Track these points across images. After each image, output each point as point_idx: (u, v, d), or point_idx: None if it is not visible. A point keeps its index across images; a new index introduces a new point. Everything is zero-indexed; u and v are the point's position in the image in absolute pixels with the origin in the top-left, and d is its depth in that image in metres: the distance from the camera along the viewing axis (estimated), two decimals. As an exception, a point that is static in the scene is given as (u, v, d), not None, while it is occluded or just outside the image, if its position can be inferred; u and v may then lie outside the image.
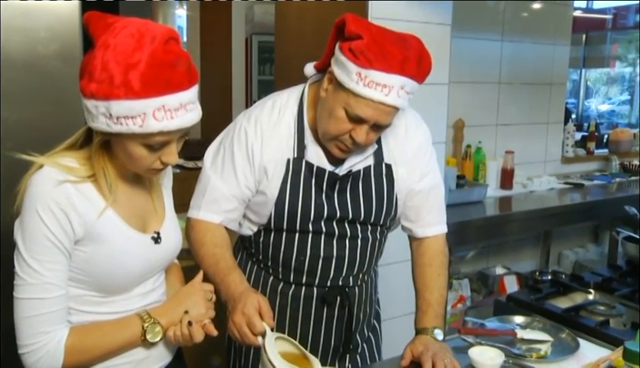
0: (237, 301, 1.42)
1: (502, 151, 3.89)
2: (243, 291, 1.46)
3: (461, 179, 3.52)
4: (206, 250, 1.59)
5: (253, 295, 1.43)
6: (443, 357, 1.54)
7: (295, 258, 1.64)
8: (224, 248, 1.60)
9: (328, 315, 1.69)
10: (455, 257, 3.73)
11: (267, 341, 1.36)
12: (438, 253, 1.75)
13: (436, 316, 1.66)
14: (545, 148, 4.28)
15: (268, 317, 1.40)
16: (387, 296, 2.15)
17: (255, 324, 1.38)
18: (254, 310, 1.39)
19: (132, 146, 1.20)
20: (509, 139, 4.00)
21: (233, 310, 1.42)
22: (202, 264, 1.58)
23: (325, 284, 1.66)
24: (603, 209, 3.80)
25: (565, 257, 4.42)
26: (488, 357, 1.61)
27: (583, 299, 2.08)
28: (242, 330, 1.39)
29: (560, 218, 3.66)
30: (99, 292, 1.26)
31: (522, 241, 4.22)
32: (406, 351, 1.61)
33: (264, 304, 1.41)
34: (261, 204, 1.62)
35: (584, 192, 3.97)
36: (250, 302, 1.40)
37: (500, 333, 1.76)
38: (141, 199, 1.35)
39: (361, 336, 1.79)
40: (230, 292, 1.48)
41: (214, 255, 1.57)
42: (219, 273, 1.53)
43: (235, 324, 1.40)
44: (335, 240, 1.63)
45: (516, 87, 3.99)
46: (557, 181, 4.07)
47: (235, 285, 1.49)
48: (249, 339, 1.39)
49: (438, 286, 1.70)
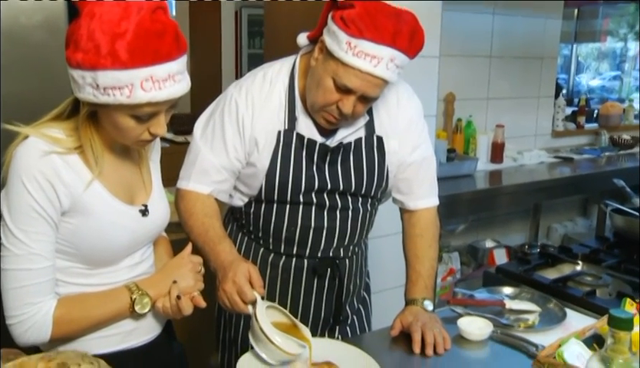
0: (227, 270, 1.43)
1: (492, 125, 3.89)
2: (233, 260, 1.46)
3: (451, 152, 3.52)
4: (196, 219, 1.58)
5: (243, 264, 1.44)
6: (432, 327, 1.56)
7: (285, 229, 1.64)
8: (214, 218, 1.59)
9: (318, 286, 1.70)
10: (445, 230, 3.75)
11: (258, 309, 1.37)
12: (430, 224, 1.75)
13: (426, 287, 1.67)
14: (536, 122, 4.29)
15: (258, 285, 1.40)
16: (378, 269, 2.16)
17: (245, 293, 1.38)
18: (244, 278, 1.40)
19: (119, 117, 1.18)
20: (499, 112, 4.00)
21: (224, 279, 1.42)
22: (191, 234, 1.58)
23: (316, 255, 1.67)
24: (592, 183, 3.83)
25: (554, 231, 4.46)
26: (476, 327, 1.63)
27: (571, 270, 2.10)
28: (233, 299, 1.39)
29: (550, 192, 3.68)
30: (86, 264, 1.26)
31: (512, 215, 4.25)
32: (395, 322, 1.62)
33: (254, 273, 1.41)
34: (251, 176, 1.61)
35: (573, 166, 3.99)
36: (241, 271, 1.41)
37: (489, 304, 1.78)
38: (129, 172, 1.34)
39: (351, 307, 1.80)
40: (220, 261, 1.48)
41: (203, 224, 1.57)
42: (209, 242, 1.53)
43: (225, 293, 1.40)
44: (326, 211, 1.63)
45: (507, 60, 3.98)
46: (547, 155, 4.09)
47: (225, 254, 1.49)
48: (239, 307, 1.39)
49: (429, 257, 1.71)
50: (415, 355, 1.52)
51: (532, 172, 3.77)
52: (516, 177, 3.66)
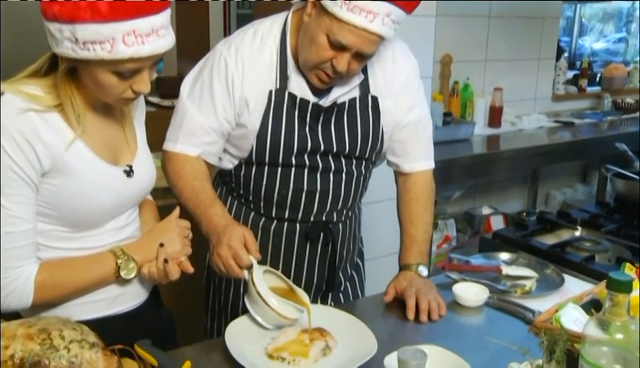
0: (221, 234, 1.42)
1: (490, 88, 3.87)
2: (227, 224, 1.45)
3: (448, 116, 3.51)
4: (185, 182, 1.57)
5: (238, 227, 1.43)
6: (427, 293, 1.57)
7: (277, 192, 1.64)
8: (204, 181, 1.58)
9: (311, 252, 1.71)
10: (441, 197, 3.76)
11: (255, 274, 1.37)
12: (425, 188, 1.75)
13: (420, 252, 1.68)
14: (536, 85, 4.27)
15: (254, 249, 1.40)
16: (371, 235, 2.17)
17: (241, 257, 1.38)
18: (240, 242, 1.39)
19: (101, 74, 1.16)
20: (498, 75, 3.97)
21: (218, 244, 1.42)
22: (180, 198, 1.57)
23: (308, 220, 1.67)
24: (593, 148, 3.83)
25: (553, 198, 4.48)
26: (472, 293, 1.64)
27: (569, 235, 2.12)
28: (228, 264, 1.39)
29: (549, 157, 3.69)
30: (69, 227, 1.25)
31: (510, 181, 4.26)
32: (389, 287, 1.63)
33: (249, 237, 1.41)
34: (242, 137, 1.60)
35: (574, 131, 3.99)
36: (235, 235, 1.40)
37: (485, 270, 1.79)
38: (112, 131, 1.32)
39: (344, 274, 1.81)
40: (213, 225, 1.47)
41: (193, 187, 1.56)
42: (200, 205, 1.53)
43: (220, 258, 1.40)
44: (319, 174, 1.63)
45: (507, 21, 3.93)
46: (547, 119, 4.08)
47: (217, 217, 1.49)
48: (235, 272, 1.39)
49: (424, 222, 1.72)
50: (409, 321, 1.53)
51: (531, 137, 3.76)
52: (515, 142, 3.66)
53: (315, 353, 1.33)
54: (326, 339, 1.37)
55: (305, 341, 1.35)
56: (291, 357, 1.31)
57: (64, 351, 1.01)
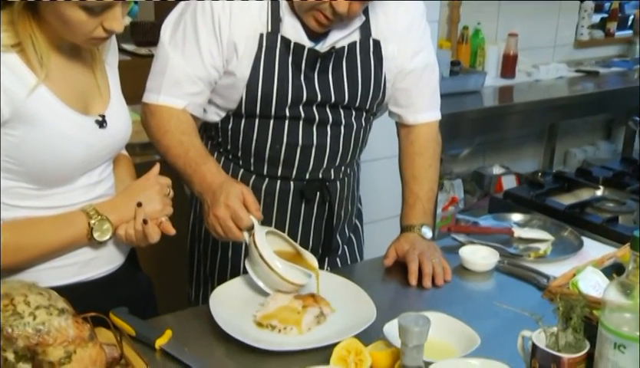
0: (217, 193, 1.41)
1: (504, 34, 3.82)
2: (223, 181, 1.44)
3: (456, 65, 3.48)
4: (172, 138, 1.55)
5: (236, 185, 1.42)
6: (431, 257, 1.57)
7: (269, 147, 1.62)
8: (192, 135, 1.57)
9: (306, 212, 1.70)
10: (447, 155, 3.76)
11: (257, 235, 1.36)
12: (430, 141, 1.75)
13: (424, 212, 1.68)
14: (556, 30, 4.20)
15: (254, 208, 1.39)
16: (370, 197, 2.17)
17: (241, 217, 1.37)
18: (238, 201, 1.38)
19: (66, 9, 1.13)
20: (512, 19, 3.91)
21: (214, 204, 1.40)
22: (167, 155, 1.56)
23: (303, 177, 1.66)
24: (620, 100, 3.79)
25: (573, 156, 4.45)
26: (480, 257, 1.65)
27: (590, 195, 2.12)
28: (227, 225, 1.38)
29: (569, 111, 3.66)
30: (34, 184, 1.23)
31: (524, 138, 4.25)
32: (389, 250, 1.63)
33: (248, 195, 1.40)
34: (230, 86, 1.58)
35: (598, 81, 3.94)
36: (233, 193, 1.39)
37: (495, 232, 1.79)
38: (81, 76, 1.29)
39: (342, 236, 1.81)
40: (206, 183, 1.46)
41: (182, 143, 1.54)
42: (191, 163, 1.51)
43: (218, 219, 1.39)
44: (315, 127, 1.62)
45: (524, -45, 3.86)
46: (567, 68, 4.03)
47: (212, 175, 1.47)
48: (234, 234, 1.39)
49: (429, 178, 1.71)
50: (411, 287, 1.54)
51: (548, 89, 3.73)
52: (530, 94, 3.63)
53: (308, 320, 1.33)
54: (320, 305, 1.37)
55: (298, 308, 1.35)
56: (281, 325, 1.31)
57: (30, 318, 0.99)
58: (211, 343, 1.29)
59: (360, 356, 1.17)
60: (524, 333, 1.19)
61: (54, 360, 1.00)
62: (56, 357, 1.00)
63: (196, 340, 1.30)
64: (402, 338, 1.05)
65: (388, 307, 1.41)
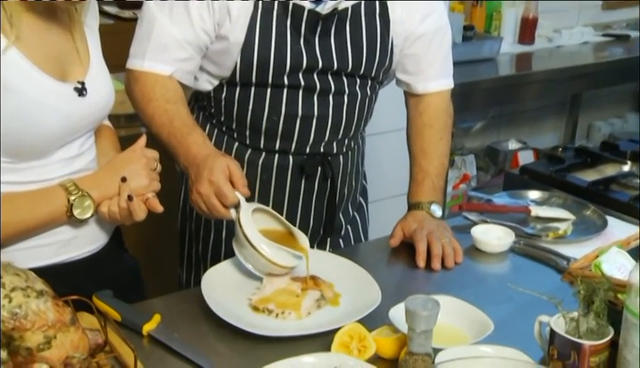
0: (201, 167, 1.41)
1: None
2: (209, 154, 1.44)
3: (469, 30, 3.46)
4: (157, 106, 1.55)
5: (221, 158, 1.42)
6: (440, 236, 1.57)
7: (266, 119, 1.62)
8: (179, 104, 1.57)
9: (306, 189, 1.71)
10: (459, 128, 3.77)
11: (242, 214, 1.36)
12: (441, 112, 1.75)
13: (434, 188, 1.68)
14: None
15: (241, 184, 1.39)
16: (376, 173, 2.18)
17: (225, 194, 1.37)
18: (223, 176, 1.38)
19: None
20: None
21: (198, 179, 1.40)
22: (151, 125, 1.56)
23: (303, 151, 1.66)
24: (653, 67, 3.75)
25: (597, 130, 4.43)
26: (494, 237, 1.65)
27: (616, 171, 2.11)
28: (210, 202, 1.38)
29: (594, 80, 3.64)
30: (8, 156, 1.22)
31: (544, 110, 4.24)
32: (396, 229, 1.63)
33: (235, 169, 1.40)
34: (222, 52, 1.58)
35: (628, 46, 3.89)
36: (218, 167, 1.39)
37: (511, 210, 1.79)
38: (58, 39, 1.28)
39: (345, 215, 1.81)
40: (191, 156, 1.46)
41: (167, 112, 1.54)
42: (176, 133, 1.51)
43: (201, 195, 1.39)
44: (316, 96, 1.61)
45: None
46: (594, 32, 3.99)
47: (197, 147, 1.47)
48: (219, 212, 1.38)
49: (439, 152, 1.71)
50: (419, 269, 1.54)
51: (572, 55, 3.71)
52: (551, 61, 3.61)
53: (308, 304, 1.33)
54: (321, 288, 1.37)
55: (297, 291, 1.36)
56: (279, 309, 1.32)
57: (5, 301, 0.99)
58: (203, 328, 1.30)
59: (363, 342, 1.18)
60: (541, 319, 1.20)
61: (32, 346, 0.99)
62: (34, 343, 1.00)
63: (187, 326, 1.30)
64: (409, 323, 1.05)
65: (394, 290, 1.42)
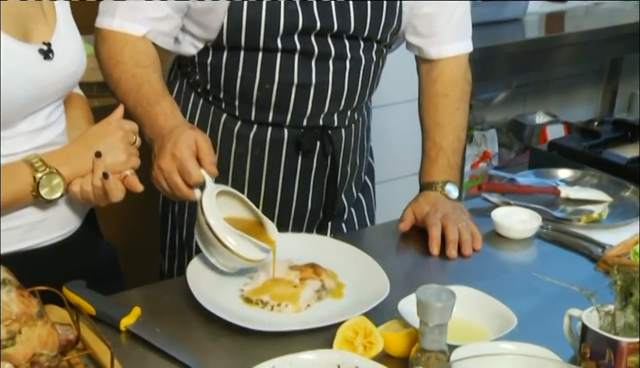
0: (166, 139, 1.41)
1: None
2: (175, 126, 1.44)
3: (491, -15, 3.44)
4: (124, 70, 1.56)
5: (188, 131, 1.42)
6: (456, 220, 1.58)
7: (257, 87, 1.63)
8: (149, 69, 1.57)
9: (303, 167, 1.72)
10: (479, 99, 3.76)
11: (206, 197, 1.37)
12: (458, 79, 1.76)
13: (449, 166, 1.70)
14: None
15: (208, 161, 1.39)
16: (384, 149, 2.18)
17: (189, 171, 1.37)
18: (189, 151, 1.38)
19: None
20: None
21: (160, 152, 1.41)
22: (117, 91, 1.57)
23: (300, 124, 1.67)
24: None
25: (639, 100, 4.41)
26: (518, 221, 1.66)
27: (660, 146, 2.13)
28: (172, 180, 1.39)
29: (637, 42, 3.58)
30: None
31: (577, 78, 4.22)
32: (406, 212, 1.65)
33: (203, 144, 1.40)
34: (207, 11, 1.58)
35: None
36: (184, 140, 1.39)
37: (537, 191, 1.80)
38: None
39: (348, 197, 1.83)
40: (157, 127, 1.47)
41: (134, 77, 1.55)
42: (142, 101, 1.52)
43: (162, 171, 1.40)
44: (314, 61, 1.62)
45: None
46: (638, -14, 3.98)
47: (164, 117, 1.48)
48: (181, 192, 1.39)
49: (454, 125, 1.72)
50: (432, 257, 1.55)
51: (612, 14, 3.70)
52: (587, 21, 3.61)
53: (307, 295, 1.34)
54: (322, 278, 1.38)
55: (294, 281, 1.37)
56: (274, 301, 1.33)
57: (-39, 291, 1.00)
58: (189, 323, 1.31)
59: (370, 337, 1.18)
60: (572, 313, 1.20)
61: (-8, 342, 1.00)
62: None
63: (171, 320, 1.31)
64: (421, 316, 1.06)
65: (404, 280, 1.43)
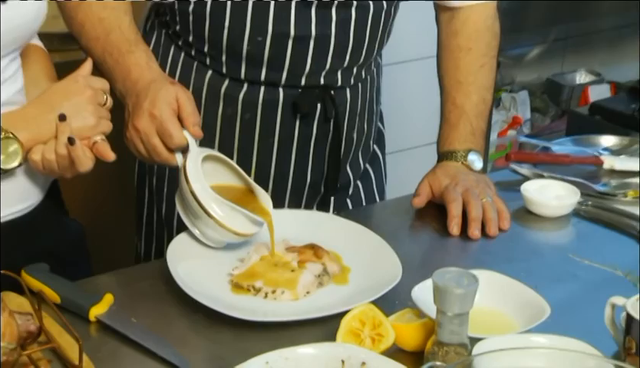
0: (142, 96, 1.42)
1: None
2: (153, 80, 1.45)
3: None
4: (89, 12, 1.56)
5: (168, 86, 1.43)
6: (480, 195, 1.59)
7: (247, 40, 1.62)
8: (119, 11, 1.57)
9: (302, 133, 1.72)
10: (508, 56, 3.75)
11: (189, 161, 1.38)
12: (483, 31, 1.76)
13: (472, 132, 1.70)
14: None
15: (192, 121, 1.40)
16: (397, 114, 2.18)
17: (170, 132, 1.38)
18: (169, 109, 1.39)
19: None
20: None
21: (135, 111, 1.42)
22: (81, 37, 1.57)
23: (298, 83, 1.67)
24: None
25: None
26: (553, 196, 1.66)
27: None
28: (151, 143, 1.39)
29: None
30: None
31: (626, 30, 4.17)
32: (422, 185, 1.65)
33: (186, 101, 1.41)
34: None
35: None
36: (163, 97, 1.40)
37: (576, 161, 1.81)
38: None
39: (354, 168, 1.83)
40: (131, 81, 1.47)
41: (102, 21, 1.54)
42: (112, 51, 1.52)
43: (138, 133, 1.40)
44: (314, 10, 1.62)
45: None
46: None
47: (139, 69, 1.48)
48: (160, 157, 1.40)
49: (479, 84, 1.73)
50: (452, 237, 1.56)
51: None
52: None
53: (307, 281, 1.35)
54: (323, 261, 1.39)
55: (292, 264, 1.37)
56: (269, 288, 1.33)
57: None
58: (169, 312, 1.31)
59: (379, 329, 1.18)
60: (615, 301, 1.19)
61: (-61, 334, 1.01)
62: (-58, 329, 1.01)
63: (148, 309, 1.31)
64: (438, 304, 1.06)
65: (419, 263, 1.44)
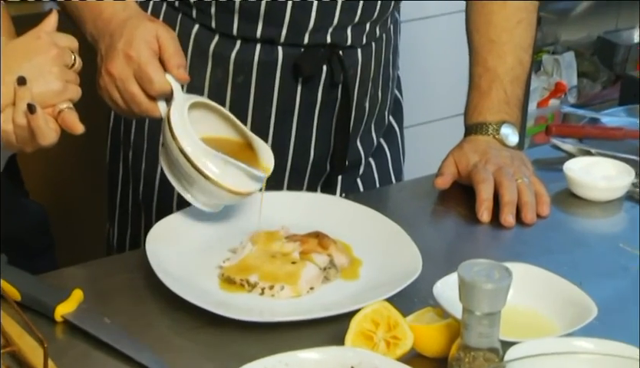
0: (116, 36, 1.42)
1: None
2: (129, 17, 1.45)
3: None
4: None
5: (147, 23, 1.43)
6: (515, 175, 1.60)
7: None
8: None
9: (304, 100, 1.73)
10: (551, 11, 3.74)
11: (174, 110, 1.38)
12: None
13: (507, 101, 1.71)
14: None
15: (174, 63, 1.40)
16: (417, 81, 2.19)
17: (150, 77, 1.38)
18: (149, 51, 1.39)
19: None
20: None
21: (109, 53, 1.42)
22: None
23: (300, 41, 1.68)
24: None
25: None
26: (602, 176, 1.67)
27: None
28: (128, 90, 1.39)
29: None
30: None
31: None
32: (446, 163, 1.67)
33: (168, 41, 1.41)
34: None
35: None
36: (141, 36, 1.39)
37: (630, 136, 1.82)
38: None
39: (365, 143, 1.85)
40: (102, 20, 1.47)
41: None
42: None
43: (113, 79, 1.40)
44: (320, -47, 1.63)
45: None
46: None
47: (112, 7, 1.48)
48: (140, 106, 1.40)
49: (516, 44, 1.74)
50: (480, 224, 1.57)
51: None
52: None
53: (310, 275, 1.35)
54: (329, 252, 1.39)
55: (293, 256, 1.38)
56: (265, 283, 1.33)
57: None
58: (149, 311, 1.31)
59: (395, 331, 1.18)
60: (672, 300, 1.22)
61: None
62: None
63: (124, 307, 1.32)
64: (464, 302, 1.06)
65: (442, 254, 1.46)
